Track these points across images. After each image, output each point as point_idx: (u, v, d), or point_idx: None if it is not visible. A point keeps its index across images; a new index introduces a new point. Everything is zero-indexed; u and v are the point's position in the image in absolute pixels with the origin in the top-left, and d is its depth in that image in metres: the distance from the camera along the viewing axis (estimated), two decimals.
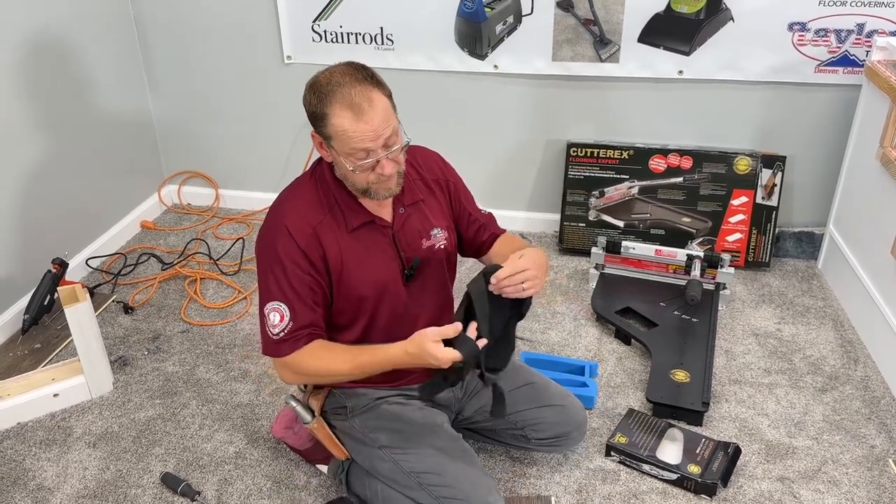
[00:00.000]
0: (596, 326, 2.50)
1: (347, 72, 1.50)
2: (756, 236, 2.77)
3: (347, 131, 1.48)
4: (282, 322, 1.60)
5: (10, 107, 2.45)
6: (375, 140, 1.49)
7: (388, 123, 1.50)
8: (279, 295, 1.60)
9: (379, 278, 1.66)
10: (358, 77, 1.49)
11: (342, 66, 1.53)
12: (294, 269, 1.59)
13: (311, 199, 1.63)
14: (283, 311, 1.59)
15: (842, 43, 2.54)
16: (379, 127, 1.48)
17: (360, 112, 1.46)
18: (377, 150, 1.50)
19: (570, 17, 2.66)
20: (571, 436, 1.86)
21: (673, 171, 2.77)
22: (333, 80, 1.49)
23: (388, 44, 2.83)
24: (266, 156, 3.18)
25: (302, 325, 1.60)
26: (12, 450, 2.05)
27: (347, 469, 1.85)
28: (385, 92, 1.52)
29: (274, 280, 1.60)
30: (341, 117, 1.47)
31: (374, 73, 1.53)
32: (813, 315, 2.54)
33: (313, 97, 1.51)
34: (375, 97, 1.48)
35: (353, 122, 1.47)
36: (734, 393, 2.19)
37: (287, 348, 1.61)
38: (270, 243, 1.61)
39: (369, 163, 1.51)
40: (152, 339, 2.48)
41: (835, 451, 1.99)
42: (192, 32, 2.98)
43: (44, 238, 2.63)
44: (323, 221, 1.61)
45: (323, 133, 1.52)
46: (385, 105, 1.50)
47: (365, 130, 1.47)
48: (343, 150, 1.51)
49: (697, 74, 2.68)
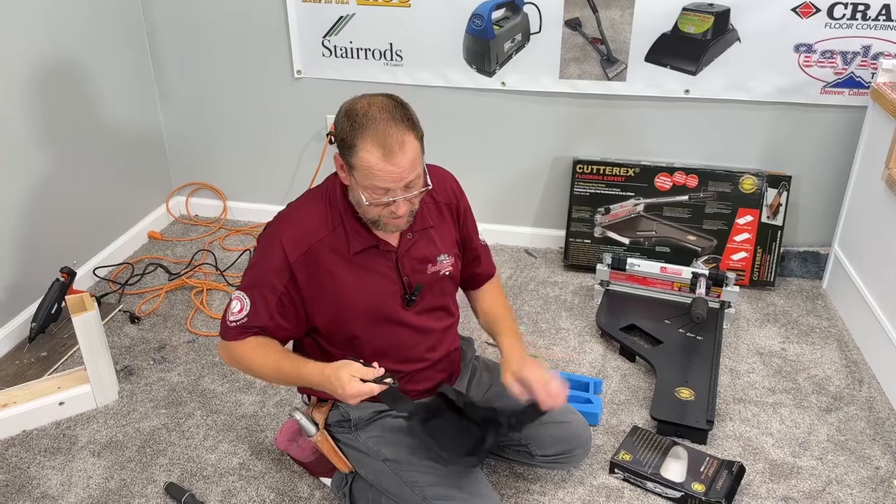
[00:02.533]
0: (600, 343, 2.50)
1: (386, 107, 1.49)
2: (761, 255, 2.78)
3: (373, 169, 1.48)
4: (240, 313, 1.65)
5: (22, 118, 2.48)
6: (398, 182, 1.50)
7: (414, 168, 1.51)
8: (248, 290, 1.65)
9: (376, 301, 1.67)
10: (395, 116, 1.48)
11: (382, 98, 1.52)
12: (272, 278, 1.62)
13: (319, 215, 1.64)
14: (245, 304, 1.64)
15: (848, 65, 2.56)
16: (405, 171, 1.49)
17: (391, 153, 1.46)
18: (396, 192, 1.51)
19: (578, 36, 2.68)
20: (575, 453, 1.86)
21: (678, 189, 2.78)
22: (371, 114, 1.48)
23: (397, 60, 2.85)
24: (274, 169, 3.20)
25: (255, 324, 1.65)
26: (17, 457, 2.06)
27: (351, 482, 1.84)
28: (418, 135, 1.52)
29: (252, 275, 1.65)
30: (370, 153, 1.47)
31: (412, 113, 1.52)
32: (817, 335, 2.54)
33: (346, 124, 1.50)
34: (408, 141, 1.48)
35: (381, 162, 1.47)
36: (738, 412, 2.19)
37: (232, 335, 1.67)
38: (265, 244, 1.65)
39: (385, 201, 1.52)
40: (158, 349, 2.49)
41: (839, 471, 1.98)
42: (204, 47, 3.01)
43: (52, 247, 2.64)
44: (323, 240, 1.62)
45: (348, 161, 1.52)
46: (416, 149, 1.50)
47: (390, 171, 1.48)
48: (363, 183, 1.51)
49: (704, 94, 2.70)
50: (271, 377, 1.70)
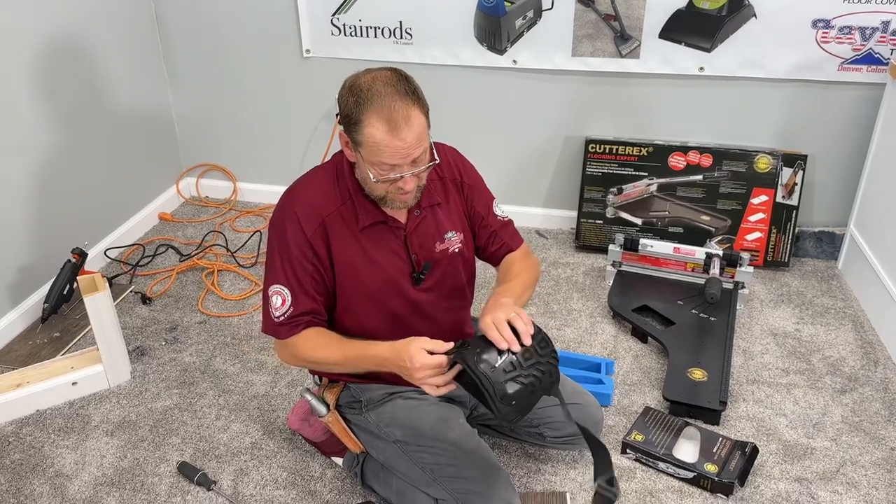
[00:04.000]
0: (612, 324, 2.49)
1: (390, 81, 1.46)
2: (776, 235, 2.75)
3: (379, 144, 1.45)
4: (283, 306, 1.61)
5: (32, 100, 2.47)
6: (405, 158, 1.47)
7: (421, 143, 1.48)
8: (283, 279, 1.61)
9: (385, 278, 1.65)
10: (400, 90, 1.45)
11: (386, 72, 1.49)
12: (299, 256, 1.60)
13: (327, 189, 1.62)
14: (286, 295, 1.61)
15: (866, 41, 2.51)
16: (411, 146, 1.46)
17: (396, 128, 1.44)
18: (403, 167, 1.49)
19: (591, 13, 2.64)
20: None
21: (693, 168, 2.75)
22: (375, 88, 1.45)
23: (407, 38, 2.82)
24: (284, 149, 3.19)
25: (302, 311, 1.62)
26: (31, 436, 2.07)
27: (362, 462, 1.85)
28: (423, 110, 1.49)
29: (280, 263, 1.62)
30: (376, 128, 1.45)
31: (416, 87, 1.49)
32: (832, 316, 2.52)
33: (351, 99, 1.47)
34: (414, 115, 1.46)
35: (387, 137, 1.44)
36: (752, 392, 2.18)
37: (285, 332, 1.63)
38: (280, 226, 1.62)
39: (393, 177, 1.50)
40: (170, 329, 2.50)
41: (854, 452, 1.97)
42: (212, 27, 2.99)
43: (64, 228, 2.65)
44: (333, 214, 1.60)
45: (353, 137, 1.50)
46: (422, 124, 1.47)
47: (397, 147, 1.45)
48: (370, 159, 1.49)
49: (719, 71, 2.66)
50: (338, 365, 1.65)
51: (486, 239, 1.78)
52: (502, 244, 1.80)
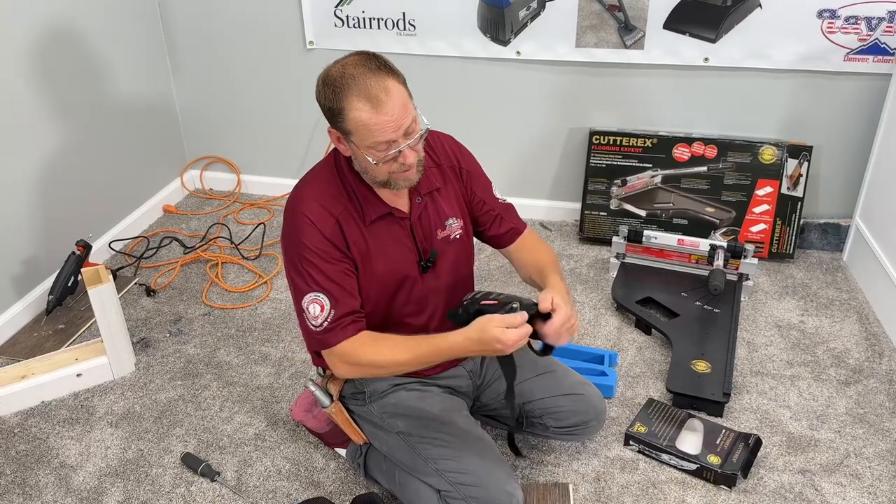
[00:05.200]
0: (616, 316, 2.48)
1: (359, 62, 1.47)
2: (780, 227, 2.74)
3: (368, 124, 1.45)
4: (323, 312, 1.57)
5: (36, 94, 2.47)
6: (397, 130, 1.46)
7: (407, 112, 1.47)
8: (315, 286, 1.57)
9: (397, 270, 1.65)
10: (371, 67, 1.46)
11: (353, 56, 1.49)
12: (325, 258, 1.57)
13: (331, 189, 1.61)
14: (323, 301, 1.57)
15: (872, 31, 2.49)
16: (398, 116, 1.46)
17: (379, 103, 1.44)
18: (399, 141, 1.48)
19: (595, 3, 2.63)
20: (590, 424, 1.85)
21: (697, 160, 2.74)
22: (347, 73, 1.45)
23: (410, 29, 2.81)
24: (287, 142, 3.19)
25: (344, 312, 1.58)
26: (36, 428, 2.08)
27: (365, 453, 1.86)
28: (400, 80, 1.49)
29: (307, 273, 1.57)
30: (359, 110, 1.44)
31: (387, 60, 1.49)
32: (837, 307, 2.51)
33: (328, 91, 1.48)
34: (392, 86, 1.45)
35: (373, 114, 1.44)
36: (756, 384, 2.17)
37: (333, 338, 1.58)
38: (296, 237, 1.58)
39: (392, 154, 1.49)
40: (174, 321, 2.51)
41: (858, 444, 1.97)
42: (216, 19, 2.98)
43: (68, 220, 2.66)
44: (343, 213, 1.59)
45: (341, 128, 1.49)
46: (402, 93, 1.47)
47: (385, 122, 1.45)
48: (364, 143, 1.48)
49: (723, 62, 2.64)
50: (408, 364, 1.59)
51: (491, 222, 1.79)
52: (510, 228, 1.81)
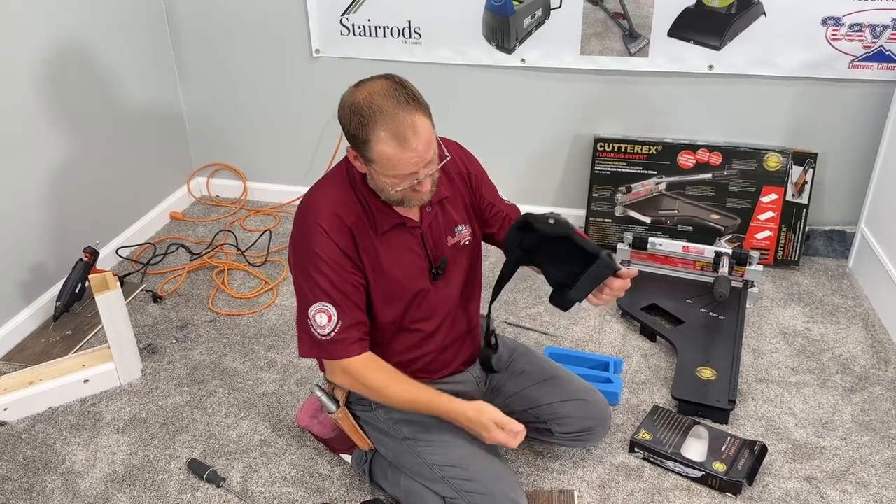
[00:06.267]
0: (621, 323, 2.49)
1: (388, 93, 1.45)
2: (785, 234, 2.74)
3: (391, 159, 1.45)
4: (330, 322, 1.57)
5: (44, 101, 2.49)
6: (418, 165, 1.48)
7: (431, 146, 1.49)
8: (324, 296, 1.57)
9: (409, 278, 1.66)
10: (400, 100, 1.44)
11: (381, 83, 1.47)
12: (336, 268, 1.57)
13: (343, 198, 1.60)
14: (331, 311, 1.57)
15: (877, 38, 2.49)
16: (423, 152, 1.47)
17: (406, 141, 1.44)
18: (419, 172, 1.49)
19: (600, 11, 2.64)
20: (595, 431, 1.86)
21: (702, 167, 2.74)
22: (375, 104, 1.44)
23: (416, 37, 2.83)
24: (293, 149, 3.20)
25: (351, 323, 1.59)
26: (44, 433, 2.10)
27: (371, 459, 1.86)
28: (426, 112, 1.48)
29: (316, 282, 1.57)
30: (385, 145, 1.44)
31: (414, 91, 1.49)
32: (843, 315, 2.50)
33: (354, 118, 1.46)
34: (419, 122, 1.45)
35: (398, 151, 1.44)
36: (761, 391, 2.17)
37: (341, 351, 1.59)
38: (307, 245, 1.58)
39: (412, 185, 1.51)
40: (180, 327, 2.52)
41: (863, 451, 1.96)
42: (222, 26, 3.00)
43: (75, 227, 2.67)
44: (356, 222, 1.59)
45: (364, 155, 1.49)
46: (428, 128, 1.47)
47: (409, 158, 1.46)
48: (384, 173, 1.49)
49: (728, 69, 2.65)
50: (400, 403, 1.64)
51: (500, 224, 1.80)
52: None
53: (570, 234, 1.60)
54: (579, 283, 1.61)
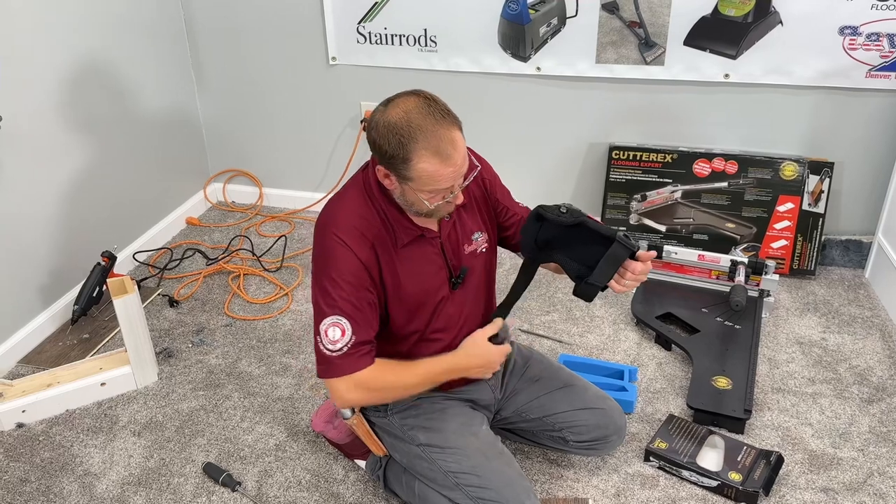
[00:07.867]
0: (635, 331, 2.48)
1: (424, 110, 1.45)
2: (802, 243, 2.72)
3: (433, 176, 1.47)
4: (343, 337, 1.55)
5: (65, 108, 2.52)
6: (457, 179, 1.50)
7: (466, 159, 1.51)
8: (339, 310, 1.56)
9: (430, 289, 1.67)
10: (436, 117, 1.45)
11: (413, 100, 1.47)
12: (356, 283, 1.56)
13: (363, 212, 1.60)
14: (345, 325, 1.56)
15: (894, 47, 2.48)
16: (461, 166, 1.49)
17: (447, 157, 1.45)
18: (455, 186, 1.52)
19: (615, 20, 2.65)
20: (610, 439, 1.85)
21: (717, 175, 2.74)
22: (413, 122, 1.44)
23: (432, 45, 2.84)
24: (309, 156, 3.22)
25: (363, 339, 1.58)
26: (61, 436, 2.11)
27: (385, 465, 1.86)
28: (460, 126, 1.50)
29: (333, 295, 1.56)
30: (428, 163, 1.45)
31: (445, 105, 1.49)
32: (859, 325, 2.49)
33: (393, 139, 1.45)
34: (456, 137, 1.47)
35: (440, 167, 1.46)
36: (777, 401, 2.16)
37: (350, 365, 1.57)
38: (329, 256, 1.57)
39: (448, 198, 1.53)
40: (196, 332, 2.54)
41: (881, 463, 1.94)
42: (240, 34, 3.03)
43: (93, 232, 2.70)
44: (377, 236, 1.59)
45: (401, 174, 1.49)
46: (463, 142, 1.50)
47: (450, 173, 1.48)
48: (422, 189, 1.49)
49: (744, 78, 2.64)
50: (416, 388, 1.66)
51: (517, 226, 1.80)
52: None
53: (584, 219, 1.60)
54: (599, 267, 1.60)
